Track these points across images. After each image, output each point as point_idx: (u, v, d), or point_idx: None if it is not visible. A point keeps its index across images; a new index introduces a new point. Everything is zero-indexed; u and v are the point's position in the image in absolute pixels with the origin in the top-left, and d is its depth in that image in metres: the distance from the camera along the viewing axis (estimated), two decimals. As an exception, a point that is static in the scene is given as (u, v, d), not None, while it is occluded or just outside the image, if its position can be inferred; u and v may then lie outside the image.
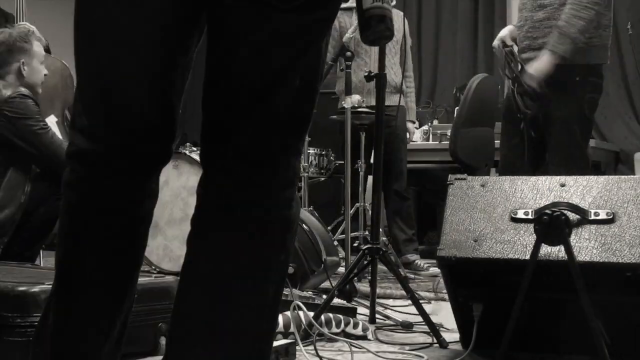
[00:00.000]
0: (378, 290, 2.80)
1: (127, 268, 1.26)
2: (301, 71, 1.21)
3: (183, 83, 1.23)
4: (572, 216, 1.95)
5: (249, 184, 1.21)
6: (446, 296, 2.62)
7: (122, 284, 1.25)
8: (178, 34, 1.19)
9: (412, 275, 4.08)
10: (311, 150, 4.44)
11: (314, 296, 2.63)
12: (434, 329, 2.33)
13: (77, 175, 1.21)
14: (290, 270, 2.91)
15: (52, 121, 3.70)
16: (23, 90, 3.22)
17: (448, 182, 2.17)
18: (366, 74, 3.17)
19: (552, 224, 1.89)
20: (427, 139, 5.30)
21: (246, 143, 1.21)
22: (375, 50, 3.97)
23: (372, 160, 3.67)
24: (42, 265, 3.34)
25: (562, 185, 2.06)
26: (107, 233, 1.21)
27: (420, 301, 2.58)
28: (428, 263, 4.23)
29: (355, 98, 3.90)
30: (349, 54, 3.40)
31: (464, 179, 2.16)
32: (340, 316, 2.38)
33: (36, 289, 1.80)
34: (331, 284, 3.10)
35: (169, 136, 1.22)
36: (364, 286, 3.26)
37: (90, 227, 1.21)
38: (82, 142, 1.19)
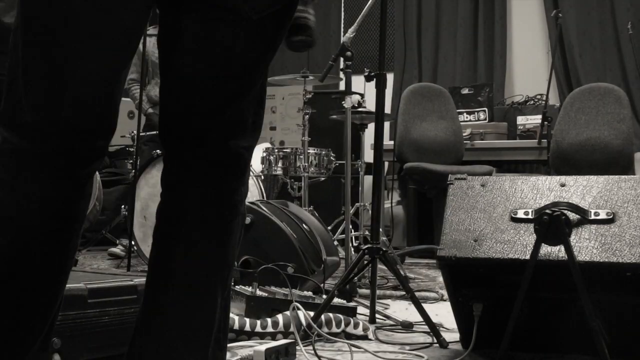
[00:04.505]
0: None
1: (60, 267, 1.20)
2: (263, 75, 1.28)
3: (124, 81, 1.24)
4: (572, 216, 1.94)
5: (222, 180, 1.28)
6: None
7: (54, 286, 1.19)
8: (136, 30, 1.17)
9: (412, 275, 4.07)
10: (311, 150, 4.43)
11: (314, 296, 2.63)
12: (434, 329, 2.32)
13: (9, 172, 1.13)
14: (290, 270, 2.91)
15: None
16: None
17: (448, 182, 2.17)
18: (366, 73, 3.15)
19: (552, 223, 1.89)
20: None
21: (212, 146, 1.26)
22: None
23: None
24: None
25: (562, 185, 2.06)
26: (41, 233, 1.15)
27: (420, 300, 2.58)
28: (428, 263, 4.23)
29: (355, 98, 3.89)
30: (349, 53, 3.40)
31: (464, 178, 2.16)
32: (341, 316, 2.38)
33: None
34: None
35: (110, 135, 1.20)
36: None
37: (23, 229, 1.13)
38: (19, 140, 1.12)
